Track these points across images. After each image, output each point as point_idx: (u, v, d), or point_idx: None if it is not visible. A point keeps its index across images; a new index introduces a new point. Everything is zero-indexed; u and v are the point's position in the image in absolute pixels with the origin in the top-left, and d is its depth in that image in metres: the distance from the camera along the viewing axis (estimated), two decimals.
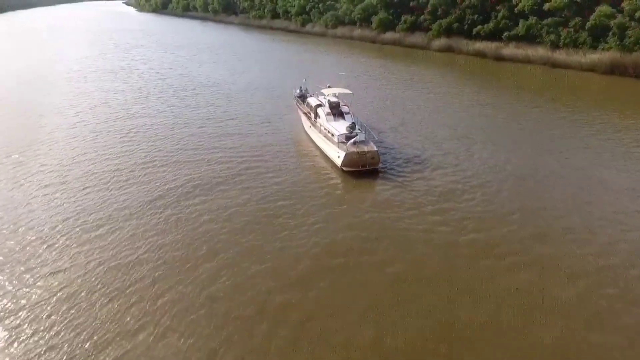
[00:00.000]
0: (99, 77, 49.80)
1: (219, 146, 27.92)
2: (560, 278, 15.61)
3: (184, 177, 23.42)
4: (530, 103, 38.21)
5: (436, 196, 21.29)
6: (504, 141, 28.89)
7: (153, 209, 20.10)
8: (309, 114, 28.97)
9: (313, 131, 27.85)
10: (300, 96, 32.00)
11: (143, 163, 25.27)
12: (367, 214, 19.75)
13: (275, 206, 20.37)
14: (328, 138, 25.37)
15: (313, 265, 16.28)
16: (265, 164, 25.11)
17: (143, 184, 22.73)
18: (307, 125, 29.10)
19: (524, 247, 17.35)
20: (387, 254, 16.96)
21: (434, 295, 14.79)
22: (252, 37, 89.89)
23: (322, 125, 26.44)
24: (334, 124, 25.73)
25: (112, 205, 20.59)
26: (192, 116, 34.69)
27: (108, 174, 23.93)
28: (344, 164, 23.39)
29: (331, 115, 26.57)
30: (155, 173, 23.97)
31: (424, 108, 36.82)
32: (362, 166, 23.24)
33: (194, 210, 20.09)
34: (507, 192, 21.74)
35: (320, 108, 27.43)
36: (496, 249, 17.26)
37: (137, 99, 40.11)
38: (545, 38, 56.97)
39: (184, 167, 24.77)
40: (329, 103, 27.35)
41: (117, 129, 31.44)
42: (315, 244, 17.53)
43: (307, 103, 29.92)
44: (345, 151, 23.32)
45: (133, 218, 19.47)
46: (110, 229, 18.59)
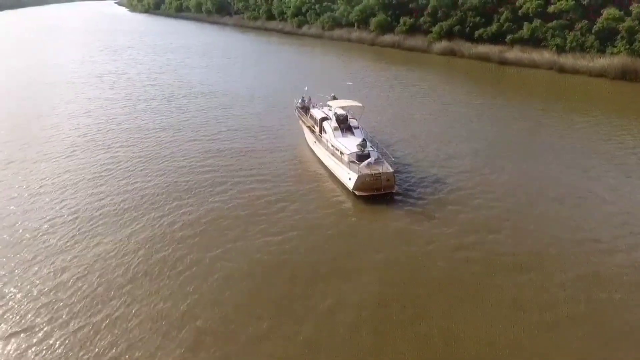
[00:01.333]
0: (85, 82, 46.52)
1: (211, 165, 24.82)
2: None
3: (170, 206, 20.30)
4: (544, 112, 35.56)
5: (458, 226, 18.47)
6: (524, 156, 26.15)
7: (122, 257, 16.95)
8: (313, 128, 26.02)
9: (318, 147, 24.89)
10: (302, 107, 28.98)
11: (118, 193, 21.45)
12: (381, 253, 16.84)
13: (278, 244, 17.42)
14: (336, 156, 22.45)
15: (324, 327, 13.27)
16: (264, 185, 22.13)
17: (111, 224, 18.84)
18: (311, 141, 26.13)
19: (578, 295, 14.52)
20: (414, 308, 14.08)
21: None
22: (247, 39, 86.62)
23: (329, 141, 23.50)
24: (343, 141, 22.81)
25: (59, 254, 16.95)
26: (181, 128, 31.50)
27: (76, 206, 20.40)
28: (356, 187, 20.48)
29: (339, 130, 23.65)
30: (132, 210, 20.06)
31: (433, 118, 34.02)
32: (376, 190, 20.35)
33: (181, 250, 17.09)
34: (539, 221, 18.95)
35: (327, 122, 24.48)
36: (539, 300, 14.41)
37: (122, 108, 36.89)
38: (551, 41, 54.51)
39: (171, 193, 21.62)
40: (335, 116, 24.42)
41: (96, 145, 28.17)
42: (323, 293, 14.59)
43: (311, 115, 26.96)
44: (357, 173, 20.42)
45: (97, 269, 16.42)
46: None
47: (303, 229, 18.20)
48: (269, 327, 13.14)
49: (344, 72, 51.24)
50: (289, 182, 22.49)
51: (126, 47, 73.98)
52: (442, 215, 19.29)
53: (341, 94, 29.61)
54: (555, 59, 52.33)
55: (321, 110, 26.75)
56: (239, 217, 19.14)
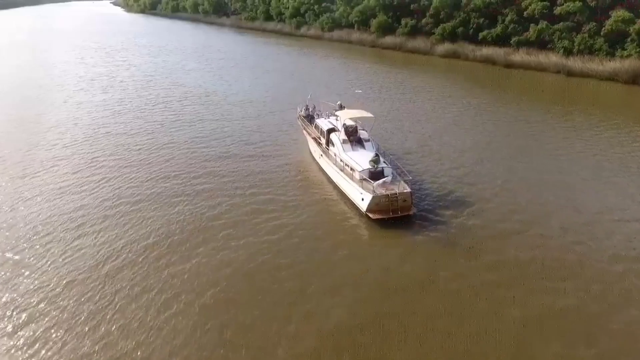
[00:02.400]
0: (75, 86, 44.02)
1: (206, 181, 22.52)
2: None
3: (154, 228, 17.98)
4: (559, 118, 33.43)
5: (486, 255, 16.29)
6: (547, 168, 23.98)
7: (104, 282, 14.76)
8: (319, 139, 23.70)
9: (325, 162, 22.59)
10: (306, 116, 26.62)
11: (98, 218, 19.12)
12: (401, 295, 14.57)
13: (284, 280, 15.18)
14: (346, 173, 20.18)
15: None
16: (266, 207, 19.80)
17: (93, 245, 16.96)
18: (317, 154, 23.80)
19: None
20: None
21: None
22: (245, 40, 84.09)
23: (337, 155, 21.22)
24: (353, 155, 20.54)
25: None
26: (173, 137, 29.19)
27: (52, 225, 18.21)
28: (369, 209, 18.22)
29: (348, 144, 21.38)
30: (113, 227, 18.10)
31: (443, 125, 31.85)
32: (392, 212, 18.08)
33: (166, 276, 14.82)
34: (572, 244, 16.77)
35: (334, 134, 22.20)
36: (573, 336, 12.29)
37: (112, 115, 34.54)
38: (558, 44, 52.44)
39: (156, 212, 19.29)
40: (344, 128, 22.13)
41: (80, 158, 25.85)
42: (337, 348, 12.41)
43: (316, 125, 24.67)
44: (371, 193, 18.17)
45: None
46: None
47: (313, 263, 15.96)
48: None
49: (346, 76, 49.02)
50: (293, 202, 20.22)
51: (120, 48, 71.41)
52: (466, 242, 17.13)
53: (348, 102, 27.35)
54: (563, 61, 50.27)
55: (327, 120, 24.50)
56: (239, 251, 16.72)
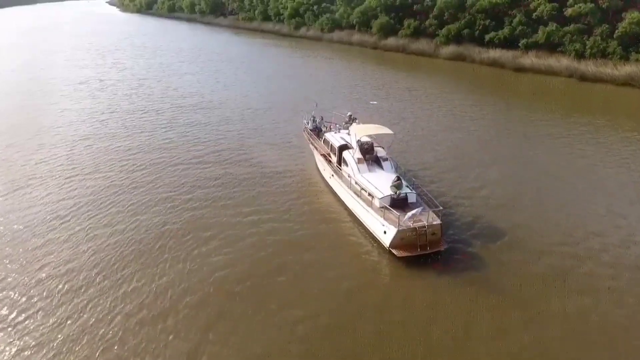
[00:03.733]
0: (62, 91, 41.00)
1: (197, 205, 19.68)
2: None
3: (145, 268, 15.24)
4: (582, 127, 30.66)
5: (534, 304, 13.54)
6: (584, 188, 21.25)
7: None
8: (328, 156, 20.84)
9: (337, 183, 19.76)
10: (313, 129, 23.69)
11: (79, 244, 16.57)
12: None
13: (293, 325, 12.56)
14: (363, 199, 17.39)
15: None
16: (269, 238, 17.09)
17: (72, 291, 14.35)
18: (327, 173, 20.93)
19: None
20: None
21: None
22: (242, 41, 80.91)
23: (352, 177, 18.40)
24: (371, 178, 17.76)
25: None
26: (162, 153, 25.99)
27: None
28: (394, 244, 15.45)
29: (364, 163, 18.59)
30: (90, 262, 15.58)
31: (460, 136, 29.29)
32: (420, 248, 15.29)
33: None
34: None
35: (348, 152, 19.38)
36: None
37: (97, 124, 31.61)
38: (569, 47, 49.84)
39: (147, 246, 16.55)
40: (359, 145, 19.29)
41: (58, 175, 22.98)
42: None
43: (325, 140, 21.81)
44: (395, 226, 15.38)
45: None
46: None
47: (325, 316, 13.20)
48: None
49: (350, 81, 46.22)
50: (299, 233, 17.35)
51: (113, 49, 68.06)
52: (506, 284, 14.43)
53: (360, 114, 24.55)
54: (575, 65, 47.75)
55: (337, 133, 21.65)
56: (242, 293, 13.98)
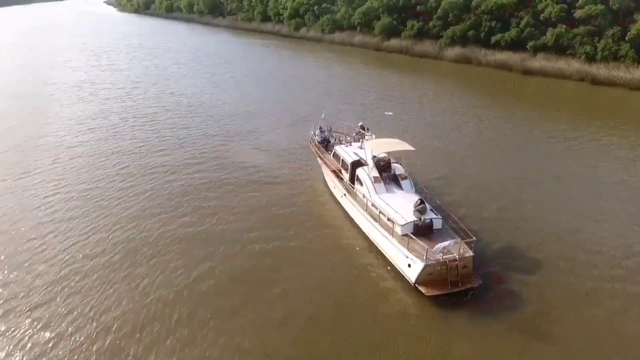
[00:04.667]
0: (52, 95, 38.86)
1: (191, 219, 17.73)
2: None
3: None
4: (615, 136, 28.61)
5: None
6: (626, 207, 19.28)
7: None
8: (339, 173, 18.79)
9: (350, 204, 17.73)
10: (322, 141, 21.61)
11: (62, 265, 14.66)
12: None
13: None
14: (382, 224, 15.40)
15: None
16: (274, 276, 15.05)
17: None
18: (338, 192, 18.88)
19: None
20: None
21: None
22: (241, 42, 78.64)
23: (368, 199, 16.38)
24: (390, 200, 15.75)
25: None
26: (155, 162, 23.93)
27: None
28: (420, 281, 13.48)
29: (381, 182, 16.58)
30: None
31: (475, 144, 27.32)
32: (451, 284, 13.29)
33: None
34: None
35: (362, 169, 17.34)
36: None
37: (85, 132, 29.38)
38: (579, 49, 47.91)
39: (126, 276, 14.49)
40: (375, 161, 17.25)
41: (35, 190, 20.85)
42: None
43: (335, 154, 19.76)
44: (422, 260, 13.36)
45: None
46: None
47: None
48: None
49: (356, 85, 44.18)
50: (306, 264, 15.37)
51: (108, 50, 65.72)
52: (554, 333, 12.32)
53: (373, 124, 22.53)
54: (586, 68, 45.88)
55: (349, 147, 19.60)
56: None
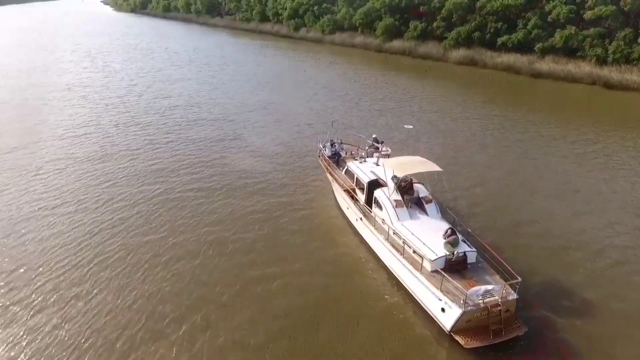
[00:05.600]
0: (39, 99, 36.55)
1: (179, 265, 15.44)
2: None
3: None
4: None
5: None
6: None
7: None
8: (353, 192, 16.70)
9: (367, 230, 15.62)
10: (332, 155, 19.46)
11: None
12: None
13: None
14: (407, 257, 13.33)
15: None
16: (277, 324, 12.83)
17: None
18: (353, 215, 16.71)
19: None
20: None
21: None
22: (239, 42, 76.33)
23: (390, 226, 14.26)
24: (415, 228, 13.72)
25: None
26: (145, 180, 21.45)
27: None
28: (457, 329, 11.52)
29: (403, 207, 14.53)
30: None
31: (499, 154, 25.01)
32: (493, 334, 11.28)
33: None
34: None
35: (381, 190, 15.27)
36: None
37: (71, 142, 27.05)
38: (589, 52, 46.03)
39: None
40: (396, 182, 15.15)
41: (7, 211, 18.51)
42: None
43: (348, 171, 17.66)
44: (459, 305, 11.37)
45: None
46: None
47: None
48: None
49: (364, 89, 42.03)
50: (318, 304, 13.22)
51: (104, 51, 63.29)
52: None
53: (390, 138, 20.47)
54: (597, 71, 44.00)
55: (363, 163, 17.52)
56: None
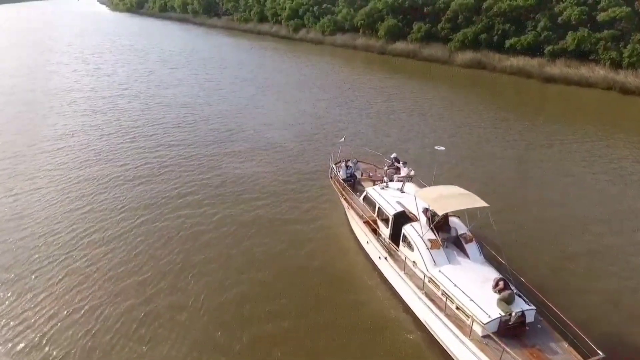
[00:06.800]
0: (20, 104, 33.68)
1: (168, 302, 13.03)
2: None
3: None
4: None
5: None
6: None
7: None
8: (375, 225, 14.17)
9: (394, 272, 13.11)
10: (348, 178, 16.87)
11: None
12: None
13: None
14: (448, 314, 10.80)
15: None
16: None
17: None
18: (375, 252, 14.23)
19: None
20: None
21: None
22: (238, 43, 73.53)
23: (424, 273, 11.74)
24: (457, 277, 11.35)
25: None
26: (136, 203, 19.10)
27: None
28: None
29: (439, 248, 12.07)
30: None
31: (530, 171, 22.61)
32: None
33: None
34: None
35: (411, 227, 12.75)
36: None
37: (50, 155, 24.49)
38: (603, 55, 43.69)
39: None
40: (429, 215, 12.66)
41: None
42: None
43: (367, 198, 15.13)
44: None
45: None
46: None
47: None
48: None
49: (375, 96, 39.41)
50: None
51: (96, 52, 60.38)
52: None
53: (416, 160, 17.96)
54: (613, 76, 41.69)
55: (385, 189, 14.98)
56: None
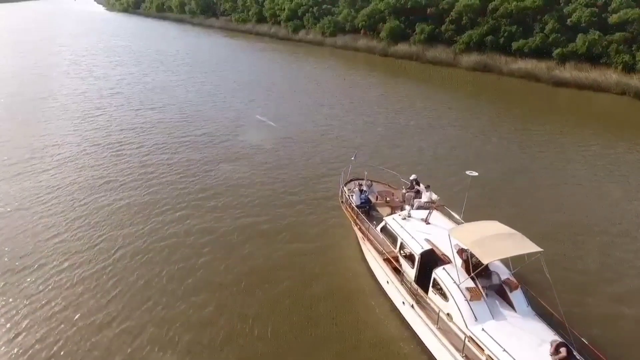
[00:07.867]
0: (9, 110, 31.39)
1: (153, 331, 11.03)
2: None
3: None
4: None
5: None
6: None
7: None
8: (397, 263, 12.08)
9: (423, 325, 11.00)
10: (362, 204, 14.73)
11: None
12: None
13: None
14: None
15: None
16: None
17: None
18: (398, 296, 12.09)
19: None
20: None
21: None
22: (236, 44, 71.22)
23: (464, 330, 9.68)
24: (503, 335, 9.48)
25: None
26: (125, 222, 17.03)
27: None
28: None
29: (481, 300, 10.04)
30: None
31: (561, 189, 20.60)
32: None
33: None
34: None
35: (444, 271, 10.80)
36: None
37: (39, 163, 22.28)
38: (615, 58, 41.78)
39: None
40: (465, 258, 10.57)
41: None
42: None
43: (387, 229, 13.09)
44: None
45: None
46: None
47: None
48: None
49: (386, 103, 37.16)
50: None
51: (89, 53, 57.94)
52: None
53: (442, 186, 15.85)
54: (626, 80, 39.80)
55: (408, 219, 12.87)
56: None
